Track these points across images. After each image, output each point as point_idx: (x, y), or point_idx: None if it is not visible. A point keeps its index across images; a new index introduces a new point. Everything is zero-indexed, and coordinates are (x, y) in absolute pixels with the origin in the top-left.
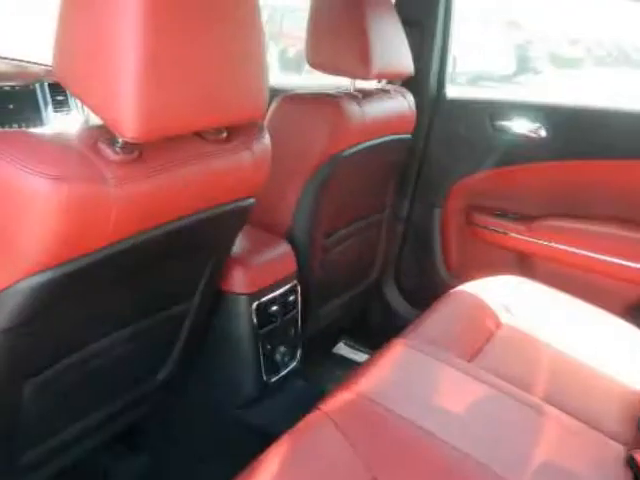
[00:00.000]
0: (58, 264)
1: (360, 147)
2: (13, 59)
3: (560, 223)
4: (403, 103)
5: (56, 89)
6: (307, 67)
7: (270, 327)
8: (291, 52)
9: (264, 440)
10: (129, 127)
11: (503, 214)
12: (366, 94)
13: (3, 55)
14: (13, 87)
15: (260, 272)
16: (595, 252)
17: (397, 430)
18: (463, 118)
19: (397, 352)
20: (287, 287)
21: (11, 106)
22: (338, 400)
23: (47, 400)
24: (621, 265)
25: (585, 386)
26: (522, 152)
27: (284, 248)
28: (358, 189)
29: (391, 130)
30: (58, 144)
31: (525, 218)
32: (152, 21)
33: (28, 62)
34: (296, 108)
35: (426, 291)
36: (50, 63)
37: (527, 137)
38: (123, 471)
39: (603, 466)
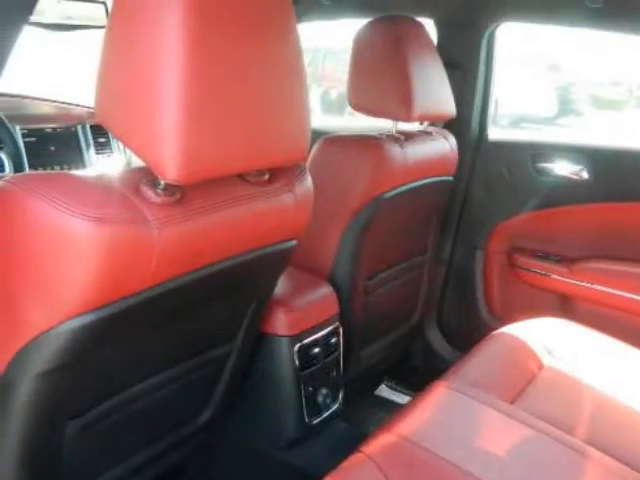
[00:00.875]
0: (99, 307)
1: (402, 189)
2: (55, 101)
3: (602, 265)
4: (445, 145)
5: (98, 131)
6: (349, 109)
7: (312, 369)
8: (333, 94)
9: None
10: (171, 169)
11: (545, 256)
12: (408, 136)
13: (46, 97)
14: (55, 129)
15: (302, 314)
16: (638, 294)
17: (439, 472)
18: (505, 160)
19: (439, 394)
20: (329, 329)
21: (52, 148)
22: (380, 442)
23: (90, 442)
24: None
25: (628, 428)
26: (564, 194)
27: (326, 290)
28: (400, 231)
29: (433, 172)
30: (100, 186)
31: (567, 260)
32: (194, 63)
33: (71, 104)
34: (338, 150)
35: (468, 333)
36: (93, 105)
37: (569, 179)
38: None
39: None
